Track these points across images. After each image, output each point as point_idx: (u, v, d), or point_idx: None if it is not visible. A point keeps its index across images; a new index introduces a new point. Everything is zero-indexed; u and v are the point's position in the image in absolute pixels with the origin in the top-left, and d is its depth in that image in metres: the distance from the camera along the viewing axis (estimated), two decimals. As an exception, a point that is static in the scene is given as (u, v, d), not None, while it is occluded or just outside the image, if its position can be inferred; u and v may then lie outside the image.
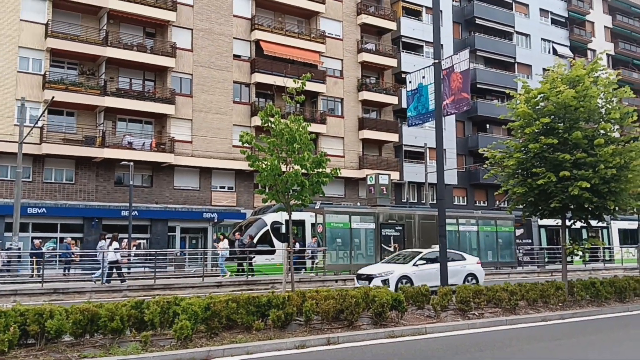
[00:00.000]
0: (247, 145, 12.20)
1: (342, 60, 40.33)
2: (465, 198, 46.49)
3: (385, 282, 17.55)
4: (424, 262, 18.68)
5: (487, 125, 47.59)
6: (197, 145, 33.98)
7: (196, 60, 34.63)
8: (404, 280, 17.78)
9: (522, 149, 15.44)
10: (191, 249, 33.58)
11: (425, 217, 28.59)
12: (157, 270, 22.32)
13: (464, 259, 20.19)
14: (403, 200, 41.42)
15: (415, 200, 42.50)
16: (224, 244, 24.47)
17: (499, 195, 17.09)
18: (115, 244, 21.49)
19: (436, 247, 22.19)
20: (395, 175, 39.03)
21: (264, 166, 12.10)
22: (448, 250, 21.82)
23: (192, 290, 20.08)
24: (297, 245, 24.09)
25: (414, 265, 18.61)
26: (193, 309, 9.67)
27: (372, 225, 27.75)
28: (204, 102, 34.60)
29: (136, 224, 30.59)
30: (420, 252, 19.57)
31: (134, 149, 31.61)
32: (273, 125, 12.10)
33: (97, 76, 31.99)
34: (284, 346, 9.68)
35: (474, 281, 19.13)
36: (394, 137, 41.03)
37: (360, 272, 19.49)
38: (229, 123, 35.21)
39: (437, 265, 17.28)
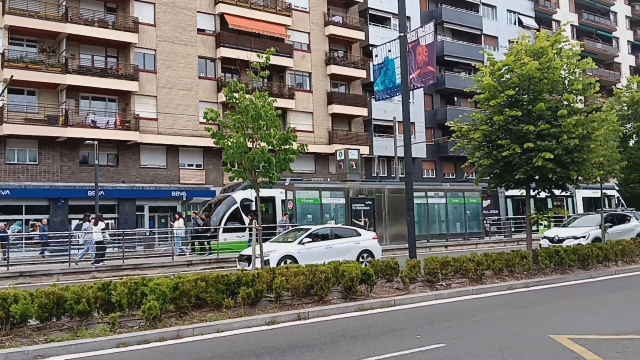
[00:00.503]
0: (212, 122, 12.04)
1: (309, 33, 39.95)
2: (434, 171, 46.96)
3: (266, 263, 15.47)
4: (311, 239, 17.39)
5: (455, 98, 47.92)
6: (163, 122, 33.45)
7: (159, 35, 33.87)
8: (288, 261, 16.31)
9: (488, 121, 15.56)
10: (160, 228, 33.27)
11: (395, 191, 28.81)
12: (125, 250, 22.10)
13: (359, 235, 18.88)
14: (373, 175, 41.66)
15: (386, 175, 42.77)
16: (179, 223, 24.25)
17: (467, 168, 17.26)
18: (101, 224, 21.56)
19: (332, 223, 22.29)
20: (365, 150, 39.14)
21: (229, 144, 11.96)
22: (341, 226, 22.09)
23: (161, 270, 19.96)
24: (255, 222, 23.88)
25: (299, 243, 17.18)
26: (161, 289, 9.61)
27: (343, 201, 27.89)
28: (169, 78, 33.96)
29: (103, 203, 30.09)
30: (309, 229, 18.23)
31: (98, 127, 30.97)
32: (238, 102, 11.94)
33: (57, 54, 31.07)
34: (254, 323, 9.71)
35: (369, 257, 17.41)
36: (363, 112, 41.03)
37: (242, 252, 18.18)
38: (195, 99, 34.69)
39: (328, 242, 17.64)
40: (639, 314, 9.97)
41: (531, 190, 16.53)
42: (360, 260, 17.15)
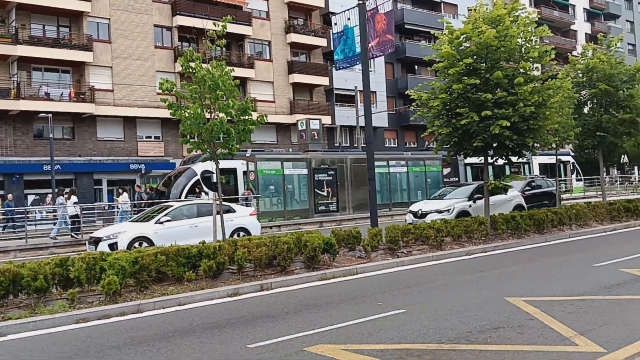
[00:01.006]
0: (169, 93, 11.76)
1: (267, 0, 39.24)
2: (396, 140, 47.26)
3: (113, 246, 14.47)
4: (171, 218, 15.74)
5: (416, 67, 47.99)
6: (119, 93, 32.60)
7: (113, 4, 32.74)
8: (144, 244, 14.66)
9: (447, 90, 15.67)
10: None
11: (357, 161, 28.94)
12: (84, 225, 21.67)
13: (233, 211, 17.15)
14: (336, 145, 41.67)
15: (348, 144, 42.83)
16: (124, 197, 23.79)
17: (427, 136, 17.41)
18: (74, 198, 21.27)
19: (193, 199, 20.87)
20: (327, 120, 39.05)
21: (187, 115, 11.73)
22: (212, 201, 20.76)
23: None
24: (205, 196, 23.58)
25: (156, 223, 15.53)
26: (120, 263, 9.50)
27: (305, 171, 27.88)
28: (124, 47, 32.98)
29: (60, 178, 29.34)
30: (169, 207, 16.61)
31: (52, 99, 29.97)
32: (194, 72, 11.68)
33: (7, 24, 29.83)
34: (216, 295, 9.71)
35: (244, 235, 16.10)
36: (324, 81, 40.79)
37: (92, 234, 16.52)
38: (151, 69, 33.85)
39: (193, 221, 15.90)
40: (591, 275, 10.34)
41: (489, 158, 16.82)
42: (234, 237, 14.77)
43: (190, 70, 11.88)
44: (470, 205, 18.45)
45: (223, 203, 17.97)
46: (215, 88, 11.46)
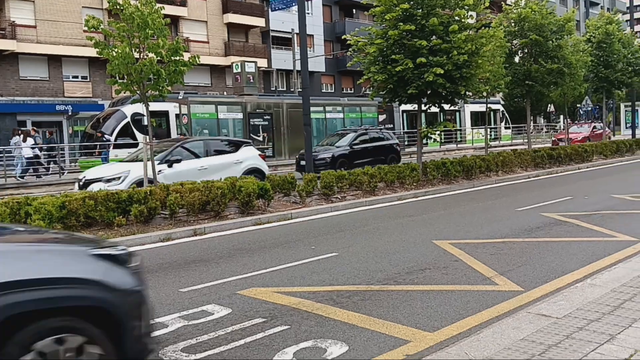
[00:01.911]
0: (95, 31, 11.15)
1: (202, -64, 37.46)
2: (333, 85, 47.12)
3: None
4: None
5: (354, 11, 47.53)
6: (43, 30, 30.67)
7: None
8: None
9: (383, 35, 15.63)
10: (45, 144, 31.29)
11: (293, 106, 28.71)
12: (7, 168, 20.71)
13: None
14: (272, 89, 41.10)
15: (285, 89, 42.37)
16: (15, 140, 22.52)
17: (364, 82, 17.42)
18: (30, 140, 20.51)
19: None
20: (263, 63, 38.34)
21: (114, 54, 11.20)
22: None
23: (49, 188, 18.96)
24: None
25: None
26: (47, 208, 9.19)
27: (240, 115, 27.49)
28: (47, -20, 30.88)
29: (-21, 119, 27.74)
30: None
31: (-33, 34, 27.93)
32: (122, 9, 11.08)
33: None
34: (148, 240, 9.59)
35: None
36: (260, 22, 39.78)
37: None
38: (77, 5, 31.92)
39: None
40: (513, 219, 10.85)
41: (423, 105, 17.08)
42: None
43: (118, 7, 11.28)
44: (160, 171, 12.93)
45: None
46: (145, 26, 10.96)
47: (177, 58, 11.79)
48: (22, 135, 20.77)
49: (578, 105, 39.66)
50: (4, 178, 19.95)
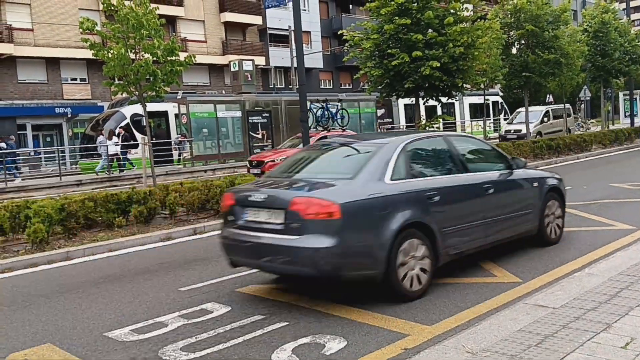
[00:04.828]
0: (90, 33, 11.16)
1: None
2: (331, 81, 47.08)
3: None
4: None
5: (351, 6, 47.46)
6: (40, 33, 30.68)
7: None
8: None
9: (379, 30, 15.64)
10: (46, 147, 31.38)
11: (291, 103, 28.68)
12: (8, 172, 20.77)
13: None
14: (270, 86, 41.11)
15: (283, 86, 42.35)
16: (101, 139, 22.88)
17: (361, 78, 17.42)
18: (115, 138, 21.83)
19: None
20: (260, 60, 38.32)
21: (110, 55, 11.21)
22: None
23: (49, 191, 19.00)
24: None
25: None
26: (46, 211, 9.20)
27: (239, 114, 27.50)
28: (42, -17, 30.88)
29: (-21, 123, 27.79)
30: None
31: (-36, 39, 27.96)
32: (116, 10, 11.09)
33: None
34: (149, 240, 9.61)
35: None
36: (257, 20, 39.75)
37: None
38: (74, 7, 31.92)
39: None
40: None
41: (420, 99, 17.08)
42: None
43: (113, 8, 11.29)
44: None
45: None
46: (140, 27, 10.98)
47: (173, 58, 11.80)
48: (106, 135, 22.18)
49: (580, 97, 39.64)
50: (4, 182, 19.99)
